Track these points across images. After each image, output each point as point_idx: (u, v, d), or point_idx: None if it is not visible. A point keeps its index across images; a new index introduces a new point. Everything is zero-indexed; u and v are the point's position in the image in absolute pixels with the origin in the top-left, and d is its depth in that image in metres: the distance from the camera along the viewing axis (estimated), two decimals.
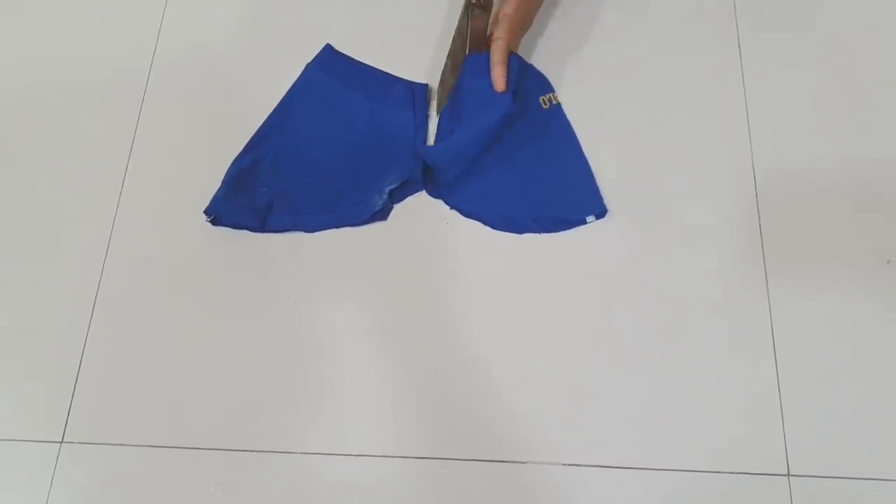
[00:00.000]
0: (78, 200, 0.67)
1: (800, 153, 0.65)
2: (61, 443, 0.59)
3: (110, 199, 0.67)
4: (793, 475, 0.56)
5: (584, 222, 0.64)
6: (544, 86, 0.69)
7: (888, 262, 0.61)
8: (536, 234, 0.64)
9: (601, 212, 0.64)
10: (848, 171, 0.65)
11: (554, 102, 0.68)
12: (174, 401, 0.60)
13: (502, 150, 0.66)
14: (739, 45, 0.70)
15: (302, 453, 0.58)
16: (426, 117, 0.68)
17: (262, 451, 0.58)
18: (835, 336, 0.59)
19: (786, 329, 0.60)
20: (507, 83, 0.64)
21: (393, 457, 0.58)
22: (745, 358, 0.59)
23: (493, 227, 0.64)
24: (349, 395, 0.60)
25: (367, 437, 0.58)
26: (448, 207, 0.65)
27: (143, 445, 0.59)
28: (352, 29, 0.73)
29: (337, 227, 0.64)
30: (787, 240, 0.62)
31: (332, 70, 0.70)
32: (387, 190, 0.64)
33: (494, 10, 0.68)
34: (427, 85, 0.69)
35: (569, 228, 0.64)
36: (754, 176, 0.65)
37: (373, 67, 0.70)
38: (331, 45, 0.71)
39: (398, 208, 0.65)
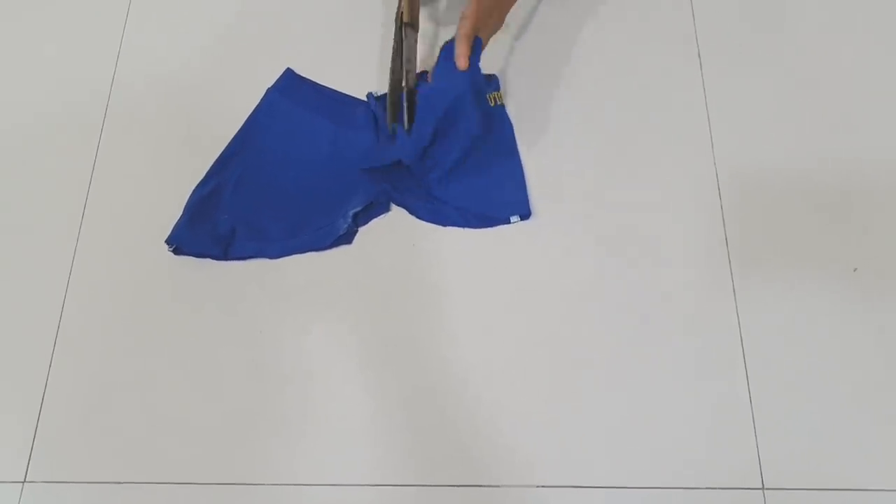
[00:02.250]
0: (36, 232, 0.66)
1: (763, 160, 0.65)
2: (24, 482, 0.58)
3: (70, 230, 0.66)
4: (767, 489, 0.55)
5: (508, 222, 0.64)
6: (493, 84, 0.69)
7: (855, 269, 0.61)
8: (505, 253, 0.63)
9: (525, 213, 0.64)
10: (812, 179, 0.65)
11: (499, 102, 0.68)
12: (141, 436, 0.59)
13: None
14: (699, 53, 0.70)
15: (273, 484, 0.57)
16: (388, 139, 0.67)
17: (234, 484, 0.57)
18: (805, 346, 0.59)
19: (755, 340, 0.59)
20: (470, 62, 0.63)
21: (368, 485, 0.57)
22: (715, 371, 0.59)
23: (418, 216, 0.65)
24: (320, 424, 0.59)
25: (341, 465, 0.57)
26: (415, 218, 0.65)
27: (109, 482, 0.57)
28: (314, 51, 0.72)
29: (301, 253, 0.64)
30: (754, 250, 0.62)
31: (293, 94, 0.69)
32: (351, 213, 0.63)
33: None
34: None
35: (492, 226, 0.64)
36: (718, 185, 0.65)
37: (335, 90, 0.70)
38: (291, 70, 0.71)
39: (363, 231, 0.65)
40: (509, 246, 0.64)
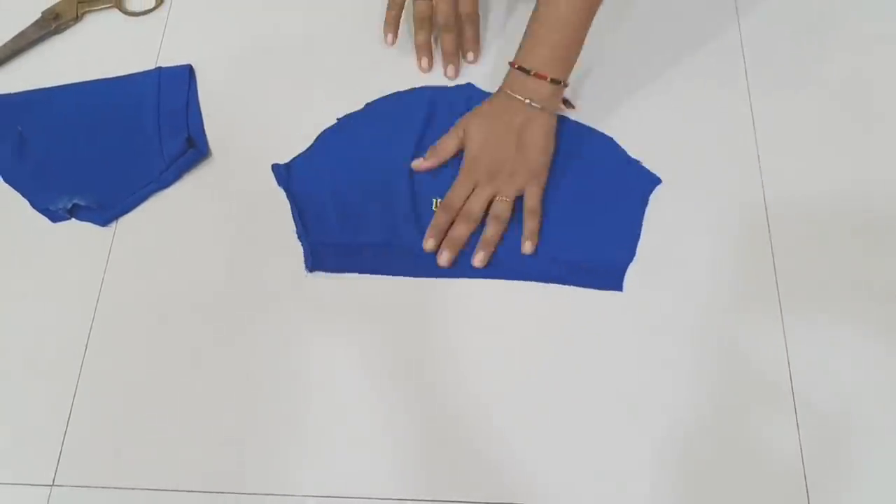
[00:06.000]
0: (71, 235, 0.66)
1: (812, 184, 0.64)
2: (52, 486, 0.57)
3: (105, 235, 0.66)
4: None
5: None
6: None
7: None
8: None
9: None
10: (862, 202, 0.64)
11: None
12: (168, 443, 0.58)
13: None
14: (747, 74, 0.69)
15: (300, 496, 0.56)
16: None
17: (260, 494, 0.56)
18: (853, 371, 0.58)
19: (803, 365, 0.58)
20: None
21: (395, 499, 0.56)
22: (762, 395, 0.57)
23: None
24: (348, 437, 0.58)
25: (368, 478, 0.56)
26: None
27: (136, 488, 0.57)
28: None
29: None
30: (802, 274, 0.61)
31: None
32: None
33: None
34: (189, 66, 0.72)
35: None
36: (766, 208, 0.64)
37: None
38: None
39: None
40: None
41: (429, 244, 0.62)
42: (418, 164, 0.65)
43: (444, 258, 0.61)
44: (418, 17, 0.69)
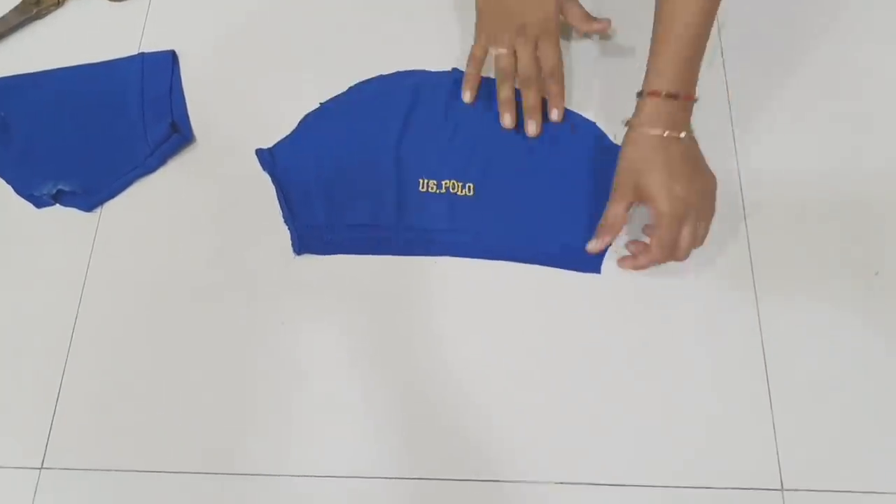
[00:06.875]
0: (56, 221, 0.66)
1: (786, 166, 0.65)
2: (41, 469, 0.58)
3: (90, 221, 0.66)
4: (786, 490, 0.55)
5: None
6: None
7: (876, 273, 0.61)
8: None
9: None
10: (835, 183, 0.65)
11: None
12: (156, 424, 0.59)
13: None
14: (723, 58, 0.70)
15: (288, 476, 0.57)
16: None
17: (247, 475, 0.57)
18: (825, 348, 0.59)
19: (776, 342, 0.59)
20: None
21: (381, 478, 0.57)
22: (736, 372, 0.59)
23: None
24: (337, 416, 0.59)
25: (357, 458, 0.57)
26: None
27: (124, 470, 0.58)
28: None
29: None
30: (776, 253, 0.62)
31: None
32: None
33: None
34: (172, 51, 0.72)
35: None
36: (741, 189, 0.65)
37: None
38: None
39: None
40: None
41: None
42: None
43: None
44: (501, 72, 0.66)
